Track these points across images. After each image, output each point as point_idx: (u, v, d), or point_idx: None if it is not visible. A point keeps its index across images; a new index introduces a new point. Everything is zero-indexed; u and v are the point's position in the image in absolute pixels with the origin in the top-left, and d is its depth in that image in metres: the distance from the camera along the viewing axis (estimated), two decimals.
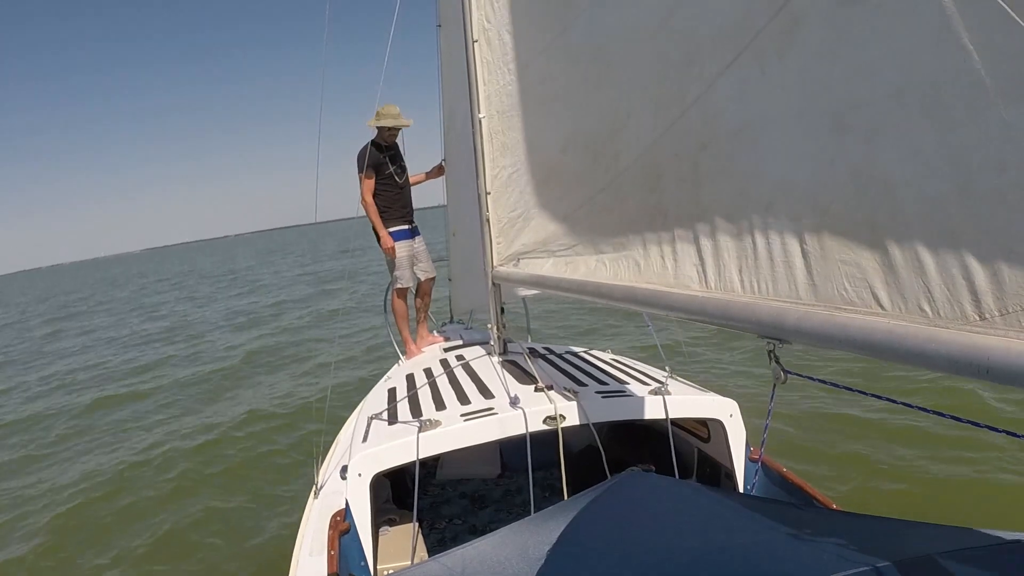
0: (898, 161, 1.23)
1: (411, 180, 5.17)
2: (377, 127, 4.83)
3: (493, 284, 3.72)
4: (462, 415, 2.92)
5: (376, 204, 4.87)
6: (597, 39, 2.37)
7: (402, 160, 5.02)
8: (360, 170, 4.80)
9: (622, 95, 2.25)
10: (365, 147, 4.86)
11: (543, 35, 2.80)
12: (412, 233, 5.07)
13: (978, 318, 1.10)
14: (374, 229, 4.92)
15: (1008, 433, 1.30)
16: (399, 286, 5.08)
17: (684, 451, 3.37)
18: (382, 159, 4.84)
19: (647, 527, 1.48)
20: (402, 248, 4.98)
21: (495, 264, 3.56)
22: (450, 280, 5.83)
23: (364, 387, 4.94)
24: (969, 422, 1.40)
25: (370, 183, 4.82)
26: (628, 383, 3.28)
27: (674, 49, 1.89)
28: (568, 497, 2.18)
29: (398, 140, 5.04)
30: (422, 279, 5.21)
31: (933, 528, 1.36)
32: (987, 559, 1.21)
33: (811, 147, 1.43)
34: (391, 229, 4.95)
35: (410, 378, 3.74)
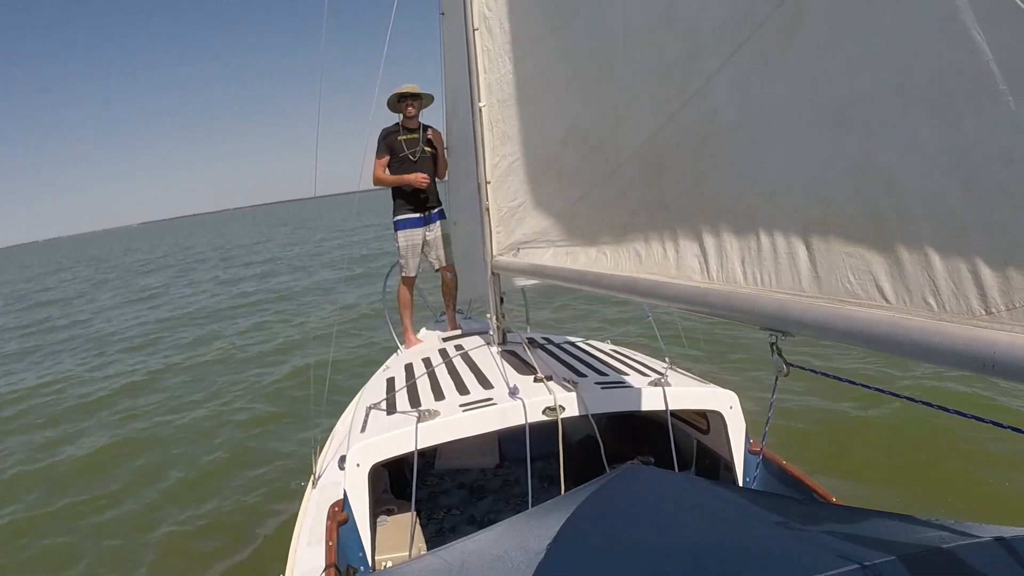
0: (901, 155, 1.22)
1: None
2: (396, 108, 4.81)
3: (493, 274, 3.71)
4: (461, 405, 2.91)
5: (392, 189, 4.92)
6: (598, 31, 2.35)
7: (423, 144, 4.90)
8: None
9: (622, 87, 2.24)
10: (386, 128, 4.87)
11: (544, 25, 2.78)
12: (424, 221, 4.99)
13: (984, 312, 1.09)
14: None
15: (1013, 429, 1.29)
16: (403, 274, 5.07)
17: (683, 442, 3.37)
18: (397, 140, 4.81)
19: (647, 521, 1.48)
20: (408, 236, 4.96)
21: (495, 254, 3.54)
22: None
23: (363, 376, 4.94)
24: (973, 417, 1.39)
25: (380, 163, 4.83)
26: (628, 374, 3.27)
27: (675, 42, 1.88)
28: (566, 488, 2.18)
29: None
30: (436, 268, 5.15)
31: (933, 523, 1.35)
32: (987, 554, 1.20)
33: (813, 141, 1.42)
34: (399, 217, 4.95)
35: (409, 368, 3.73)
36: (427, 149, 4.89)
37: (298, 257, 27.32)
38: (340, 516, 2.61)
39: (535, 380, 3.09)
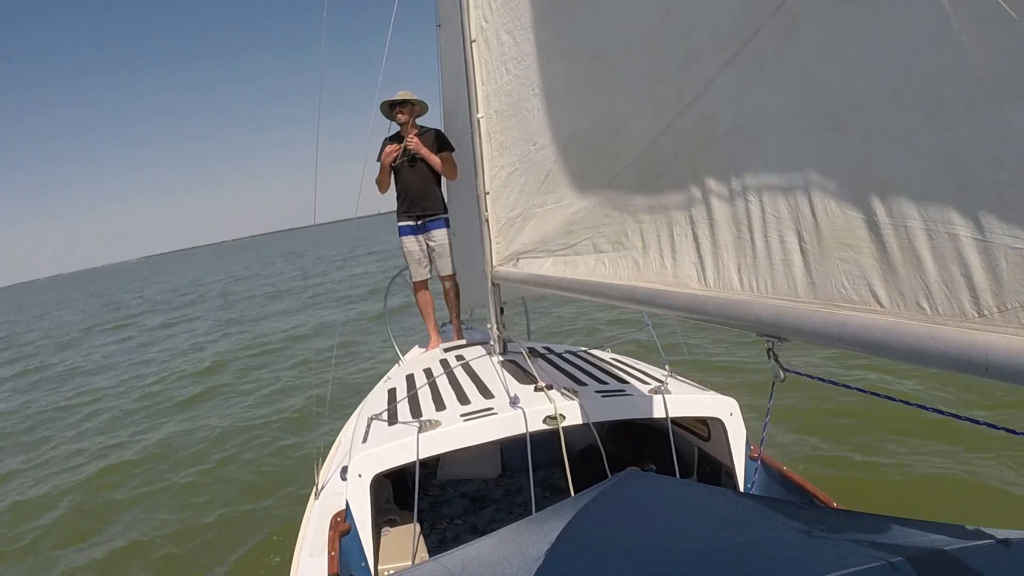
0: (896, 160, 1.23)
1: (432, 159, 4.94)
2: (389, 115, 4.86)
3: (493, 284, 3.72)
4: (462, 415, 2.92)
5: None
6: (595, 39, 2.37)
7: (414, 152, 4.88)
8: None
9: (620, 95, 2.25)
10: (388, 136, 4.96)
11: (541, 35, 2.80)
12: (416, 229, 5.01)
13: (976, 315, 1.10)
14: None
15: (1007, 431, 1.30)
16: (413, 279, 5.13)
17: (684, 450, 3.37)
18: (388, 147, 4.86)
19: (647, 526, 1.48)
20: (404, 243, 5.01)
21: (494, 264, 3.56)
22: None
23: (364, 388, 4.94)
24: (968, 419, 1.39)
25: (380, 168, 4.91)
26: (628, 382, 3.28)
27: (672, 48, 1.89)
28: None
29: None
30: (436, 276, 5.18)
31: (934, 526, 1.36)
32: (988, 557, 1.20)
33: (809, 146, 1.43)
34: (398, 224, 5.01)
35: (410, 378, 3.73)
36: (415, 158, 4.92)
37: (301, 289, 25.72)
38: (342, 526, 2.61)
39: (536, 389, 3.09)
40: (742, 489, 2.97)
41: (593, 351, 4.15)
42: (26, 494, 6.97)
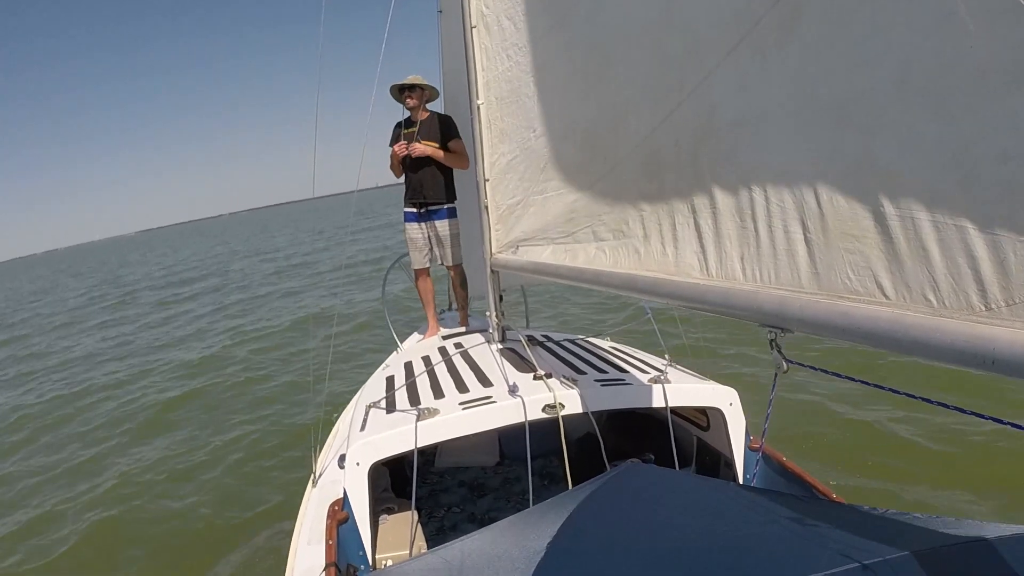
0: (900, 153, 1.22)
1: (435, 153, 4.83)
2: (399, 99, 4.80)
3: (492, 271, 3.70)
4: (460, 403, 2.91)
5: None
6: (597, 28, 2.35)
7: (418, 139, 4.79)
8: None
9: (621, 84, 2.23)
10: (400, 120, 4.91)
11: (543, 22, 2.78)
12: (418, 217, 4.96)
13: (984, 308, 1.09)
14: None
15: (1014, 426, 1.29)
16: (412, 267, 5.10)
17: (683, 439, 3.36)
18: (401, 134, 4.82)
19: (647, 519, 1.48)
20: (407, 230, 5.00)
21: (494, 251, 3.54)
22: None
23: (362, 375, 4.93)
24: (973, 413, 1.38)
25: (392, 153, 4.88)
26: (627, 371, 3.27)
27: (673, 39, 1.87)
28: (571, 486, 2.17)
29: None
30: (442, 264, 5.12)
31: (934, 521, 1.35)
32: (988, 552, 1.20)
33: (812, 138, 1.42)
34: (404, 210, 4.99)
35: (408, 366, 3.72)
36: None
37: (303, 265, 25.00)
38: (340, 515, 2.61)
39: (535, 378, 3.08)
40: (741, 480, 2.97)
41: (592, 339, 4.14)
42: (26, 493, 6.96)
